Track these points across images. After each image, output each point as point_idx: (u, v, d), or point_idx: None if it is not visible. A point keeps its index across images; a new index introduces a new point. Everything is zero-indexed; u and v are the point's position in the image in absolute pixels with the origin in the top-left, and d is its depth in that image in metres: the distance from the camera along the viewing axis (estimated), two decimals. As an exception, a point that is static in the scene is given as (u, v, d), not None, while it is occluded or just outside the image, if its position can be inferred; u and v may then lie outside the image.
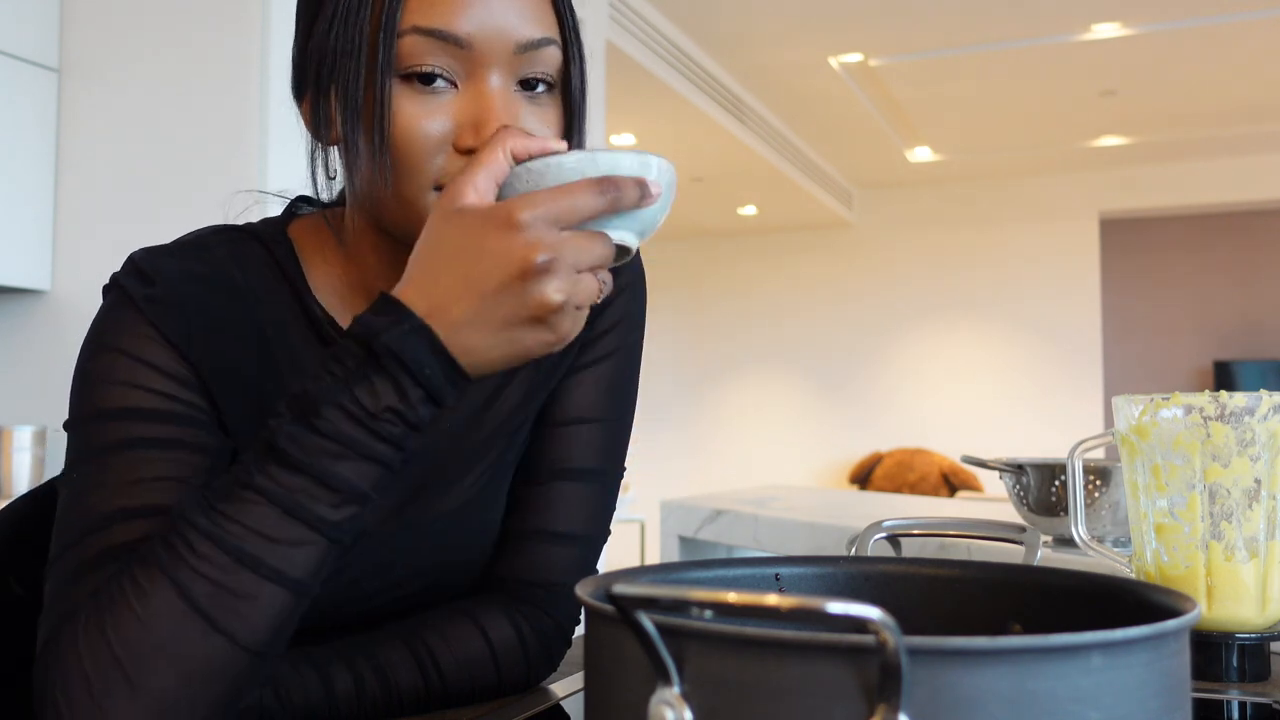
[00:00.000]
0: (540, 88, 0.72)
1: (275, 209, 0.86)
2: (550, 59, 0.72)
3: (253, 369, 0.75)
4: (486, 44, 0.69)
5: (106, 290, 0.75)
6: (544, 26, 0.72)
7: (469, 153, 0.69)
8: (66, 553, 0.67)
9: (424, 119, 0.69)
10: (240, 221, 0.84)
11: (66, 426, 0.72)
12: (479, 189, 0.62)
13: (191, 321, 0.72)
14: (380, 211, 0.73)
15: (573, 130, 0.76)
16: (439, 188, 0.70)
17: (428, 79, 0.69)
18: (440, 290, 0.60)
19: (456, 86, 0.70)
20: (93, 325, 0.74)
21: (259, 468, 0.60)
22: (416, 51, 0.68)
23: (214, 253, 0.76)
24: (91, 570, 0.65)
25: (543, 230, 0.59)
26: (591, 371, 0.87)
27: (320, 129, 0.74)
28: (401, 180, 0.70)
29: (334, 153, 0.76)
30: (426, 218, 0.69)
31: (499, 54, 0.70)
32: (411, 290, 0.61)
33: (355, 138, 0.70)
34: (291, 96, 0.78)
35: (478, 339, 0.60)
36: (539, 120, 0.72)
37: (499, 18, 0.69)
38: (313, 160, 0.77)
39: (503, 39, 0.69)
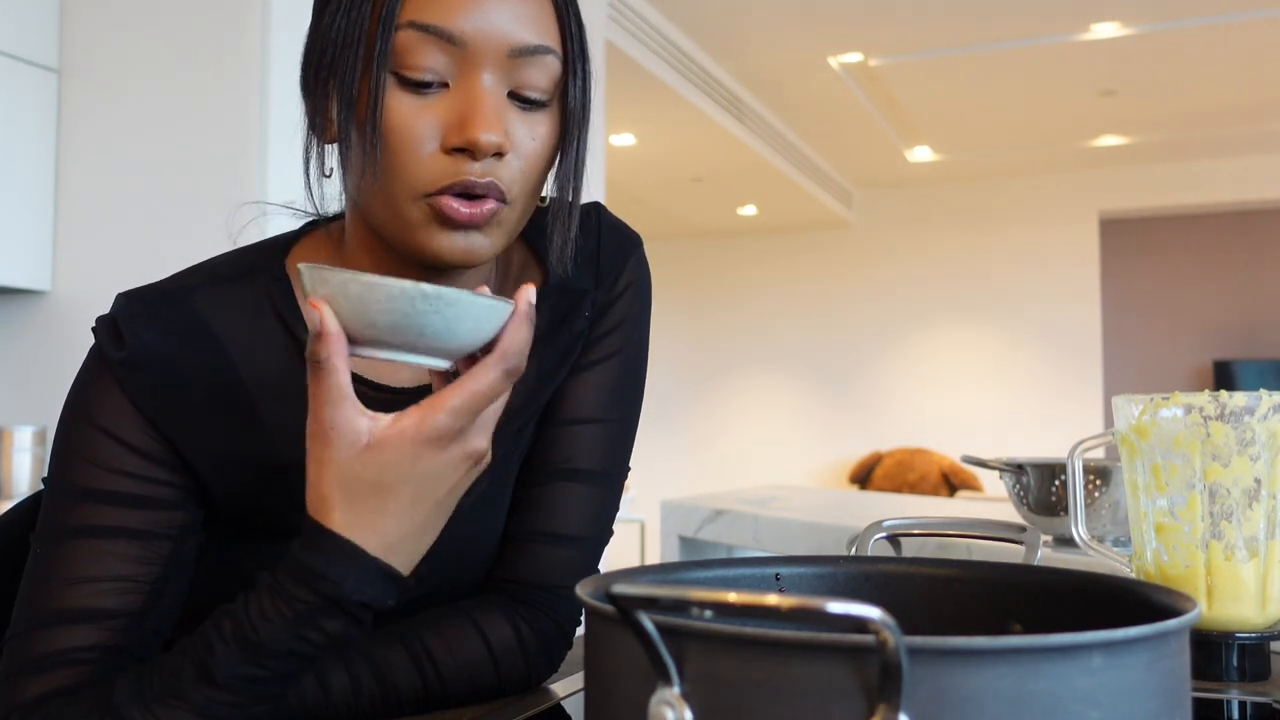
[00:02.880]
0: (534, 99, 0.72)
1: (278, 219, 0.86)
2: (547, 68, 0.71)
3: (233, 428, 0.75)
4: (480, 44, 0.69)
5: (95, 331, 0.75)
6: (543, 35, 0.71)
7: (455, 151, 0.69)
8: (16, 640, 0.70)
9: (413, 116, 0.69)
10: (244, 235, 0.84)
11: (44, 481, 0.75)
12: (368, 415, 0.61)
13: (161, 388, 0.72)
14: (370, 212, 0.72)
15: (570, 145, 0.75)
16: (427, 195, 0.69)
17: (420, 75, 0.69)
18: (390, 522, 0.61)
19: (448, 86, 0.69)
20: (75, 380, 0.75)
21: (194, 685, 0.62)
22: (411, 47, 0.68)
23: (196, 302, 0.75)
24: (34, 674, 0.68)
25: (468, 424, 0.61)
26: (595, 371, 0.87)
27: (317, 123, 0.74)
28: (389, 178, 0.69)
29: (329, 151, 0.76)
30: (412, 223, 0.70)
31: (492, 56, 0.69)
32: (360, 528, 0.61)
33: (349, 132, 0.69)
34: (300, 92, 0.78)
35: (427, 538, 0.64)
36: (529, 131, 0.72)
37: (495, 19, 0.69)
38: (306, 157, 0.76)
39: (497, 41, 0.69)
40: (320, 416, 0.60)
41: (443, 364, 0.61)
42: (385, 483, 0.60)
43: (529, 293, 0.61)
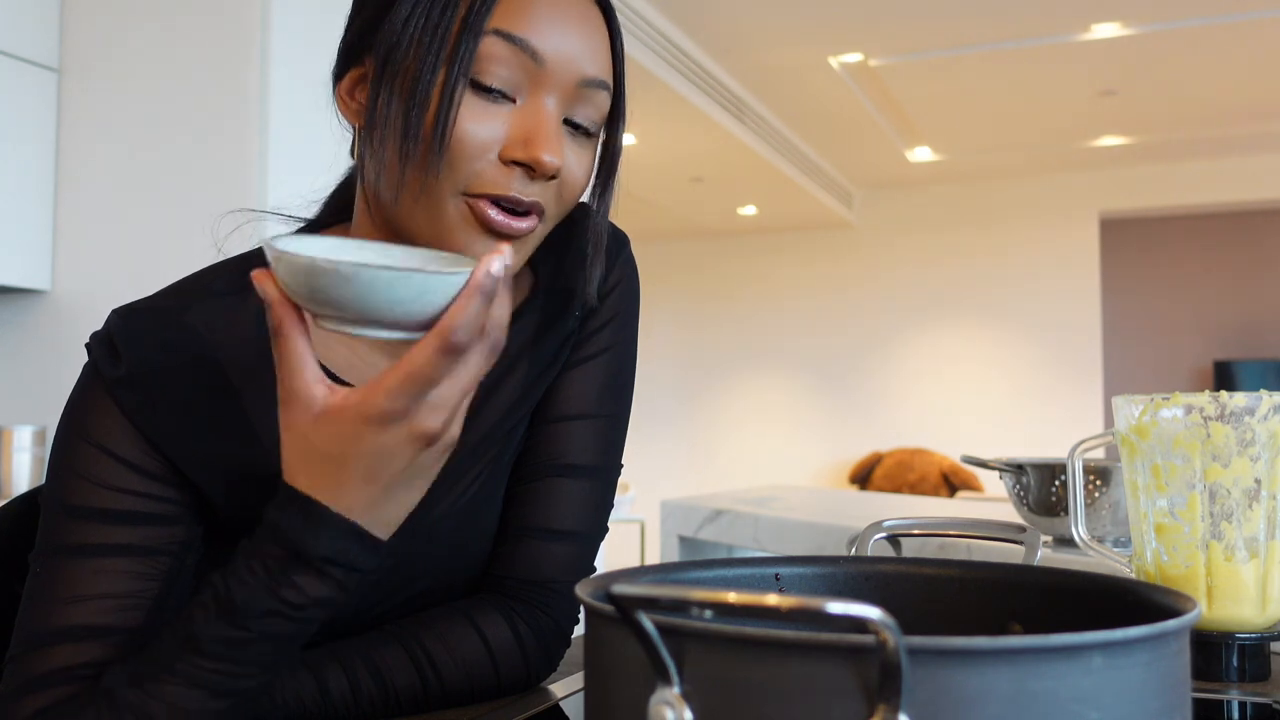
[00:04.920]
0: (585, 130, 0.75)
1: (276, 224, 0.86)
2: (601, 103, 0.75)
3: (231, 443, 0.74)
4: (556, 66, 0.71)
5: (89, 348, 0.75)
6: (604, 70, 0.74)
7: (512, 164, 0.70)
8: (16, 661, 0.70)
9: (478, 122, 0.70)
10: (230, 241, 0.84)
11: (40, 501, 0.75)
12: (324, 383, 0.60)
13: (158, 405, 0.72)
14: (404, 209, 0.72)
15: (609, 180, 0.79)
16: (466, 194, 0.71)
17: (496, 84, 0.70)
18: (350, 491, 0.60)
19: (514, 101, 0.71)
20: (70, 398, 0.75)
21: (180, 656, 0.62)
22: (491, 55, 0.70)
23: (192, 319, 0.75)
24: (33, 691, 0.68)
25: (410, 404, 0.58)
26: (586, 367, 0.88)
27: (371, 115, 0.73)
28: (440, 177, 0.70)
29: (346, 139, 0.77)
30: (449, 220, 0.71)
31: (564, 81, 0.72)
32: (322, 491, 0.60)
33: (418, 130, 0.70)
34: (331, 79, 0.78)
35: (395, 508, 0.62)
36: (578, 160, 0.75)
37: (573, 45, 0.72)
38: (358, 145, 0.77)
39: (571, 67, 0.72)
40: (281, 382, 0.60)
41: (404, 336, 0.59)
42: (336, 454, 0.59)
43: (490, 263, 0.57)
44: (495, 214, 0.71)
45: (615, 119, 0.77)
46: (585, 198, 0.81)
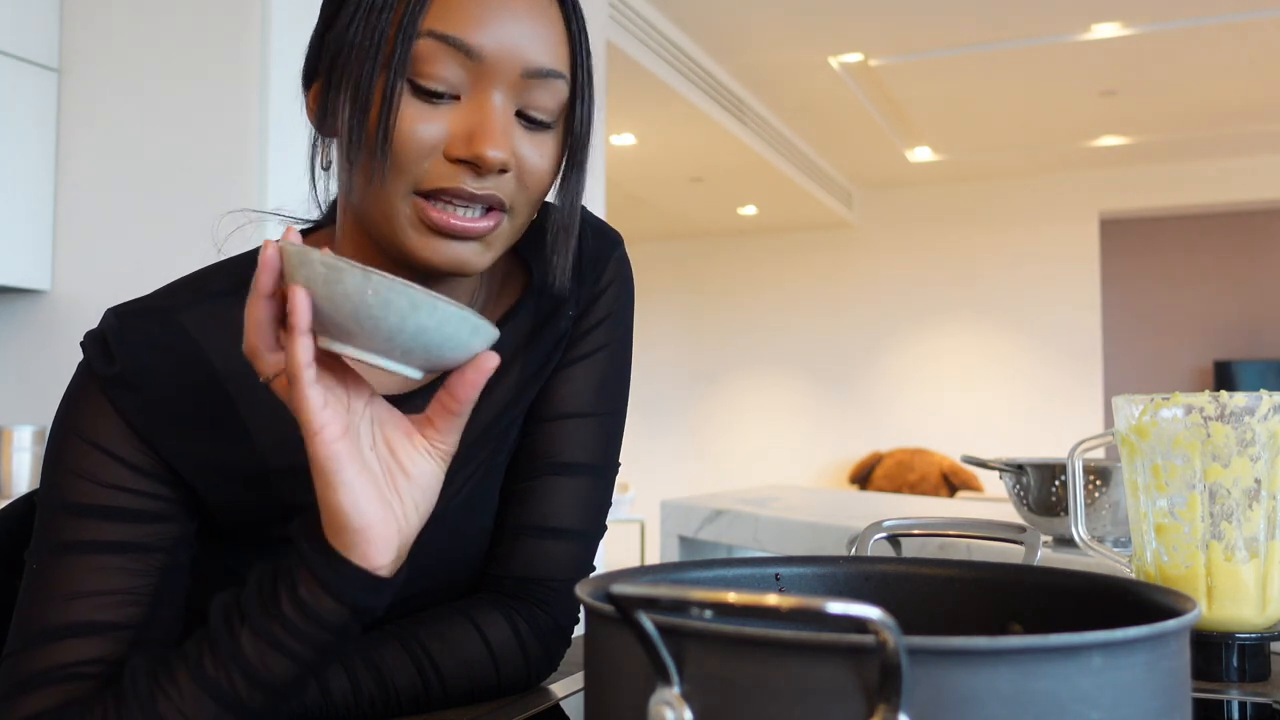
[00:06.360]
0: (541, 122, 0.73)
1: (275, 225, 0.86)
2: (556, 92, 0.73)
3: (223, 442, 0.75)
4: (496, 60, 0.70)
5: (83, 346, 0.75)
6: (555, 59, 0.72)
7: (457, 162, 0.69)
8: (13, 658, 0.70)
9: (422, 123, 0.69)
10: (230, 243, 0.85)
11: (36, 499, 0.75)
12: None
13: (151, 405, 0.72)
14: (364, 213, 0.73)
15: (573, 167, 0.76)
16: (418, 193, 0.70)
17: (434, 85, 0.69)
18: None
19: (459, 99, 0.70)
20: (65, 396, 0.75)
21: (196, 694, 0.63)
22: (428, 56, 0.69)
23: (185, 319, 0.75)
24: (30, 690, 0.68)
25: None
26: (581, 366, 0.87)
27: (325, 120, 0.74)
28: (389, 179, 0.70)
29: (328, 145, 0.77)
30: (401, 222, 0.70)
31: (506, 73, 0.70)
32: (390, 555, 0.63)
33: (360, 134, 0.70)
34: (300, 86, 0.78)
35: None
36: (536, 150, 0.73)
37: (514, 38, 0.70)
38: (313, 152, 0.77)
39: (512, 59, 0.70)
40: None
41: (415, 373, 0.59)
42: None
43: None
44: (451, 219, 0.70)
45: (574, 105, 0.75)
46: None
